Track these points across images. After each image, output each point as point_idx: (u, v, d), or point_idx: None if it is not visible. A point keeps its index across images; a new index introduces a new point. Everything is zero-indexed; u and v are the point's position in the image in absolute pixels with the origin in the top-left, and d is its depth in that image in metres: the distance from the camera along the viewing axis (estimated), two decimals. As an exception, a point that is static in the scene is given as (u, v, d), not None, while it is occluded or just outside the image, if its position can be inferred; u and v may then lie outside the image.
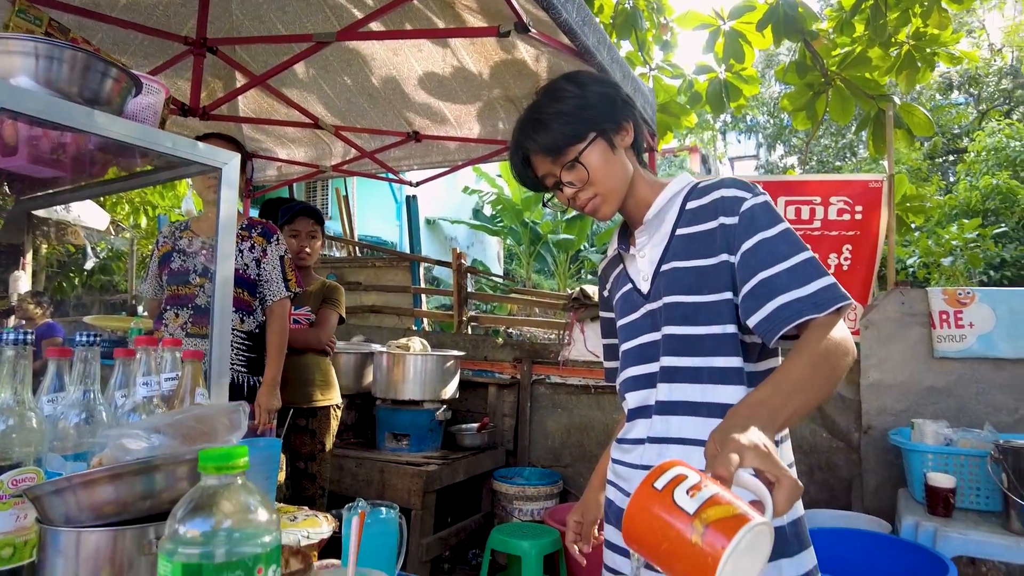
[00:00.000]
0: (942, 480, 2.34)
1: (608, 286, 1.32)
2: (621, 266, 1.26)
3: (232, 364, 2.43)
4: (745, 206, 1.07)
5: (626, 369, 1.20)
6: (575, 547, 1.30)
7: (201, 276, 2.42)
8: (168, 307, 2.43)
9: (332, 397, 2.79)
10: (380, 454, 3.30)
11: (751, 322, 1.02)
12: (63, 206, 5.88)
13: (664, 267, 1.13)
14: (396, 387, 3.31)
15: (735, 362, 1.05)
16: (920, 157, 12.00)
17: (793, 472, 1.10)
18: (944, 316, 2.95)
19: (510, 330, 4.63)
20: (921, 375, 2.99)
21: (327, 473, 2.76)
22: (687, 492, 0.66)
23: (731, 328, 1.06)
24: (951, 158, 12.97)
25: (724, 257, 1.07)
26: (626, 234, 1.26)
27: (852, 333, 3.22)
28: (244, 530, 0.63)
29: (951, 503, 2.32)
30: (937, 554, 2.09)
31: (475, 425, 3.59)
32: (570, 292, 3.82)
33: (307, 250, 2.87)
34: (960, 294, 2.93)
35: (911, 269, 8.17)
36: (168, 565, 0.58)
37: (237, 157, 1.64)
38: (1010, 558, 2.15)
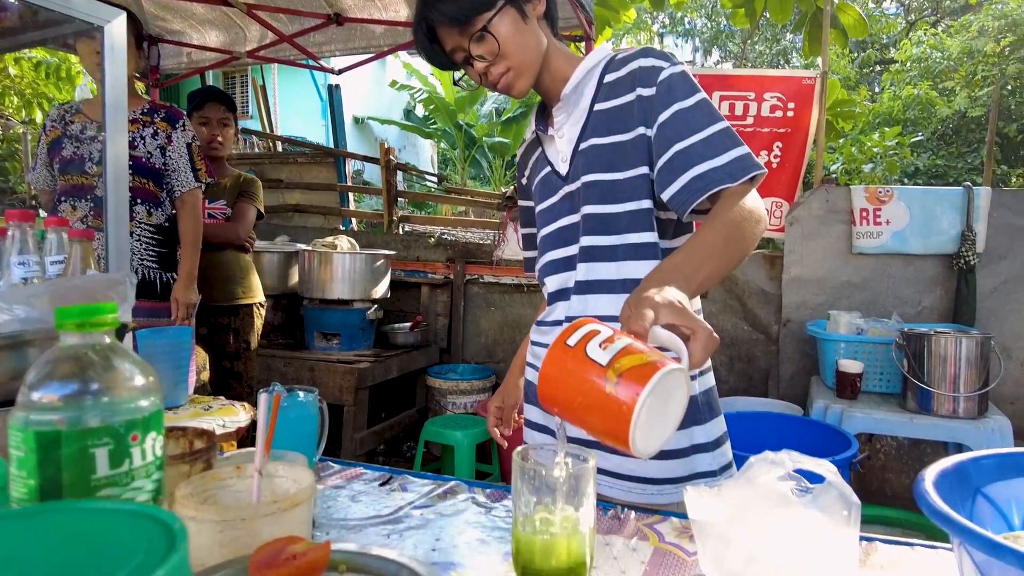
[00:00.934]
0: (851, 366, 2.48)
1: (527, 172, 1.28)
2: (540, 149, 1.21)
3: (142, 260, 2.26)
4: (663, 76, 1.03)
5: (545, 254, 1.19)
6: (496, 431, 1.31)
7: (99, 165, 2.20)
8: (63, 199, 2.21)
9: (255, 295, 2.67)
10: (310, 353, 3.23)
11: (665, 196, 1.01)
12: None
13: (582, 145, 1.10)
14: (324, 287, 3.20)
15: (650, 238, 1.05)
16: (850, 66, 12.16)
17: None
18: (864, 214, 3.04)
19: (444, 234, 4.53)
20: (839, 270, 3.12)
21: (254, 372, 2.68)
22: (600, 346, 0.64)
23: (647, 203, 1.05)
24: (878, 68, 13.21)
25: (641, 131, 1.05)
26: (544, 115, 1.20)
27: (777, 230, 3.31)
28: (114, 394, 0.56)
29: (857, 387, 2.47)
30: (842, 431, 2.24)
31: (408, 324, 3.55)
32: (503, 191, 3.73)
33: (219, 139, 2.65)
34: (880, 192, 3.02)
35: (834, 175, 8.44)
36: (19, 435, 0.50)
37: (122, 15, 1.43)
38: (904, 432, 2.33)
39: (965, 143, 9.34)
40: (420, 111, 11.53)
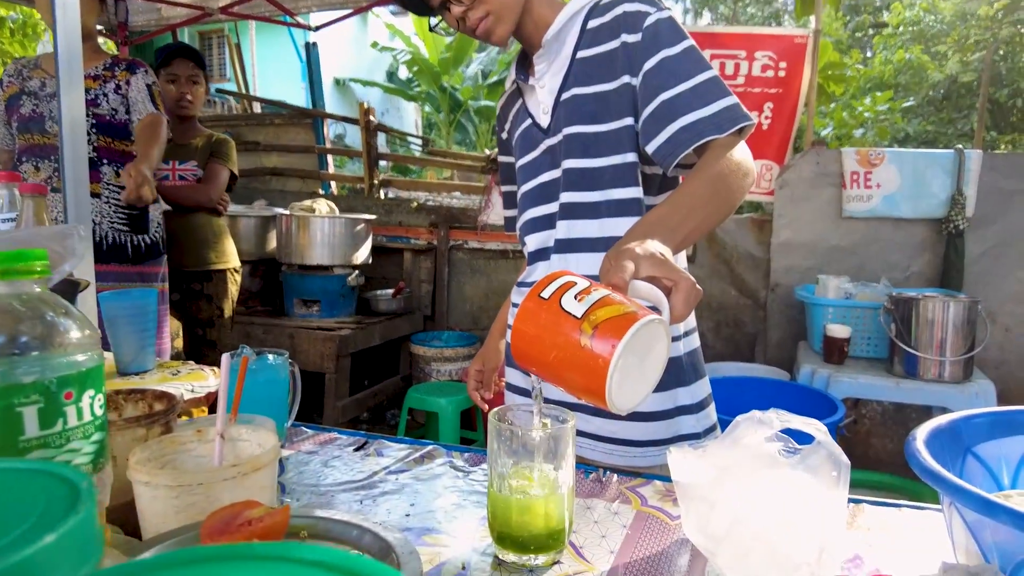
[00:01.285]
0: (839, 331, 2.47)
1: (507, 126, 1.22)
2: (520, 101, 1.16)
3: (112, 223, 2.18)
4: (649, 21, 0.97)
5: (525, 212, 1.14)
6: (477, 395, 1.27)
7: (63, 122, 2.10)
8: (24, 159, 2.12)
9: (229, 260, 2.60)
10: (290, 320, 3.18)
11: (651, 148, 0.96)
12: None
13: (564, 95, 1.04)
14: (303, 252, 3.13)
15: (634, 193, 1.01)
16: (843, 30, 12.01)
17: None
18: (855, 176, 3.01)
19: (429, 200, 4.43)
20: (828, 234, 3.09)
21: (227, 340, 2.62)
22: (575, 297, 0.60)
23: (631, 157, 1.01)
24: (871, 32, 13.06)
25: (626, 79, 1.00)
26: (525, 64, 1.14)
27: (766, 194, 3.27)
28: (44, 348, 0.51)
29: (845, 352, 2.47)
30: (829, 396, 2.23)
31: (390, 291, 3.49)
32: (488, 153, 3.65)
33: (188, 97, 2.54)
34: (871, 155, 2.98)
35: (825, 140, 8.38)
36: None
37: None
38: (889, 397, 2.33)
39: (955, 108, 9.29)
40: (403, 73, 11.27)
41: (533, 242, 1.13)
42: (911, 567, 0.66)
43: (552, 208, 1.08)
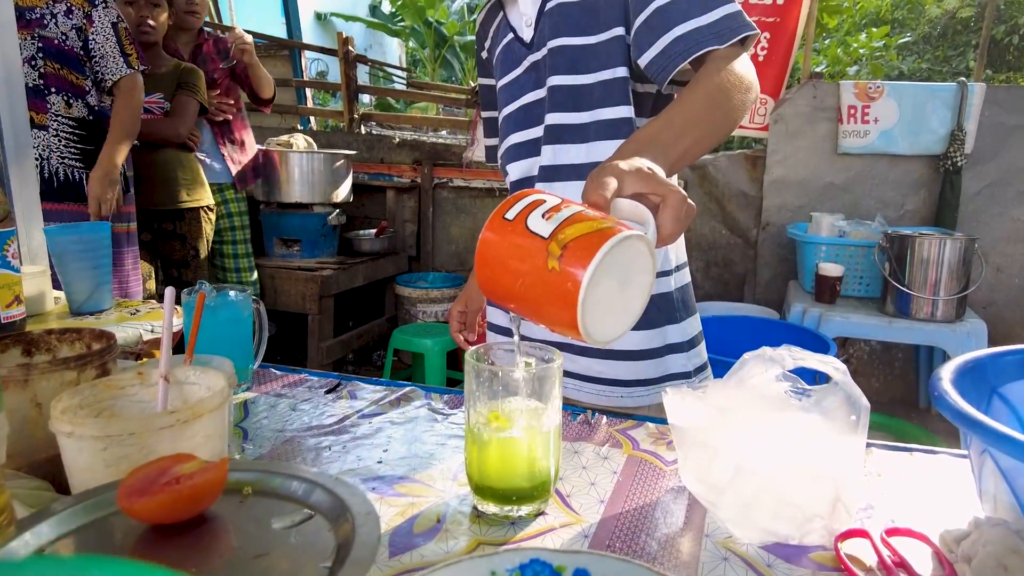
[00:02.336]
0: (831, 269, 2.41)
1: (487, 44, 1.12)
2: (501, 14, 1.05)
3: (63, 158, 2.04)
4: None
5: (508, 137, 1.05)
6: (460, 337, 1.20)
7: None
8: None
9: (201, 197, 2.47)
10: (269, 260, 3.07)
11: (643, 60, 0.87)
12: None
13: (549, 5, 0.95)
14: (281, 189, 3.00)
15: (625, 112, 0.92)
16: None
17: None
18: (852, 111, 2.90)
19: (414, 136, 4.25)
20: (823, 171, 3.00)
21: (205, 280, 2.52)
22: (543, 216, 0.52)
23: (622, 71, 0.91)
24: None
25: None
26: None
27: (760, 128, 3.16)
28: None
29: (837, 291, 2.42)
30: (820, 335, 2.19)
31: (373, 231, 3.38)
32: (473, 85, 3.48)
33: (149, 22, 2.36)
34: (870, 88, 2.86)
35: (822, 74, 8.16)
36: None
37: None
38: (881, 336, 2.29)
39: (951, 46, 9.07)
40: (387, 7, 10.77)
41: (516, 170, 1.04)
42: (928, 518, 0.61)
43: (536, 132, 0.99)
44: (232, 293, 0.98)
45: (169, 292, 0.69)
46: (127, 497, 0.42)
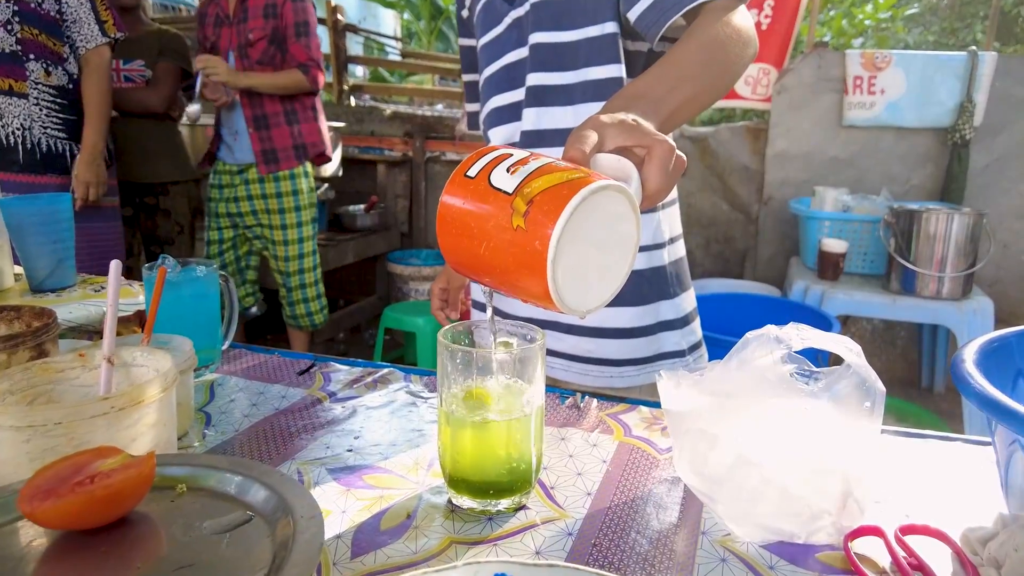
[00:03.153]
0: (835, 245, 2.35)
1: (467, 1, 1.04)
2: None
3: (45, 128, 1.96)
4: None
5: (489, 100, 0.98)
6: (441, 314, 1.14)
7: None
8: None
9: (186, 171, 2.39)
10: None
11: (632, 14, 0.80)
12: None
13: None
14: (269, 163, 2.91)
15: (615, 71, 0.85)
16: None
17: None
18: (858, 82, 2.81)
19: (410, 108, 4.15)
20: (827, 145, 2.92)
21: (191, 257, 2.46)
22: (508, 170, 0.45)
23: (611, 27, 0.85)
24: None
25: None
26: None
27: (763, 100, 3.07)
28: None
29: (840, 267, 2.35)
30: (823, 313, 2.13)
31: (363, 206, 3.30)
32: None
33: (128, -16, 2.26)
34: (877, 57, 2.77)
35: (827, 43, 8.01)
36: None
37: None
38: (885, 314, 2.24)
39: (959, 18, 8.90)
40: (382, -22, 10.54)
41: (497, 136, 0.97)
42: (947, 514, 0.55)
43: (518, 95, 0.92)
44: (199, 268, 0.92)
45: (114, 265, 0.63)
46: (30, 500, 0.36)
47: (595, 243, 0.46)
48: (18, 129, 1.92)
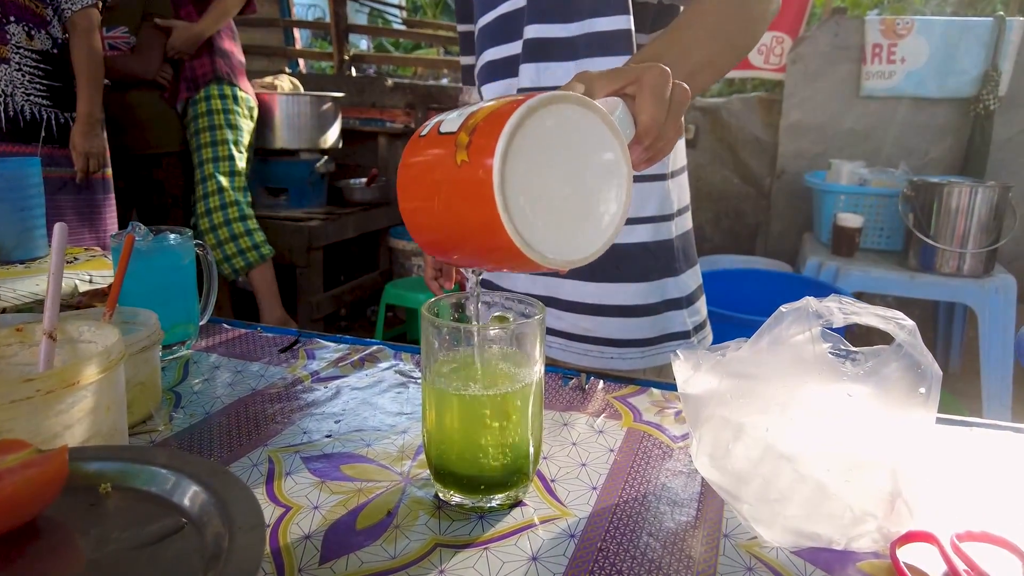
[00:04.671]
0: (851, 220, 2.26)
1: None
2: None
3: (28, 95, 1.88)
4: None
5: (483, 53, 0.89)
6: (435, 284, 1.06)
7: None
8: None
9: (178, 142, 2.31)
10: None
11: None
12: None
13: None
14: (265, 134, 2.83)
15: (622, 23, 0.76)
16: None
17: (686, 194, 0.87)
18: (877, 50, 2.69)
19: (414, 80, 4.04)
20: (843, 116, 2.81)
21: (185, 230, 2.39)
22: (457, 115, 0.39)
23: None
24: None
25: None
26: None
27: (777, 70, 2.95)
28: None
29: (856, 243, 2.27)
30: (837, 289, 2.05)
31: (364, 179, 3.22)
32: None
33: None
34: (898, 24, 2.64)
35: (845, 9, 7.79)
36: None
37: None
38: (902, 292, 2.15)
39: (977, -12, 8.64)
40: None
41: (492, 93, 0.89)
42: (1007, 517, 0.48)
43: (514, 48, 0.84)
44: (172, 237, 0.85)
45: (59, 228, 0.56)
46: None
47: (564, 173, 0.38)
48: None
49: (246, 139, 2.47)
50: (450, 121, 0.39)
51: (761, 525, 0.45)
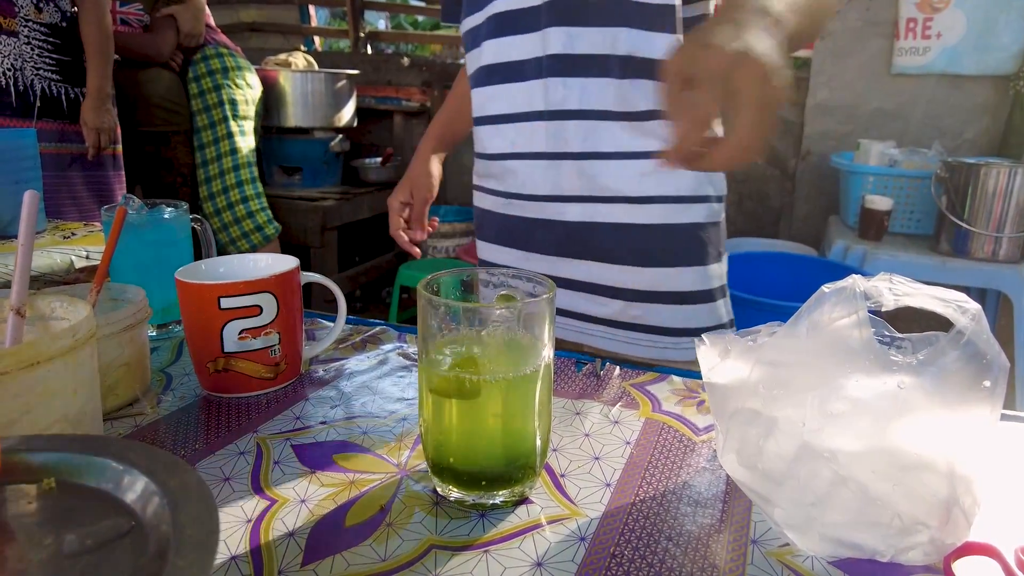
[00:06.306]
0: (880, 203, 2.17)
1: None
2: None
3: (38, 70, 1.85)
4: None
5: (494, 3, 0.82)
6: (402, 236, 0.99)
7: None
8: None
9: (186, 120, 2.28)
10: (269, 190, 2.89)
11: None
12: None
13: None
14: (279, 112, 2.79)
15: None
16: None
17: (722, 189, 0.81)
18: (911, 25, 2.57)
19: (432, 57, 3.96)
20: (872, 95, 2.70)
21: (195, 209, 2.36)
22: None
23: None
24: None
25: None
26: None
27: (804, 47, 2.84)
28: None
29: (884, 226, 2.18)
30: (866, 274, 1.97)
31: (379, 159, 3.17)
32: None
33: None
34: (935, -3, 2.52)
35: None
36: None
37: None
38: (933, 277, 2.06)
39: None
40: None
41: (490, 50, 0.82)
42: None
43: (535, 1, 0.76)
44: (167, 210, 0.81)
45: (29, 195, 0.51)
46: None
47: None
48: (9, 70, 1.82)
49: (248, 110, 2.43)
50: None
51: (795, 531, 0.40)
